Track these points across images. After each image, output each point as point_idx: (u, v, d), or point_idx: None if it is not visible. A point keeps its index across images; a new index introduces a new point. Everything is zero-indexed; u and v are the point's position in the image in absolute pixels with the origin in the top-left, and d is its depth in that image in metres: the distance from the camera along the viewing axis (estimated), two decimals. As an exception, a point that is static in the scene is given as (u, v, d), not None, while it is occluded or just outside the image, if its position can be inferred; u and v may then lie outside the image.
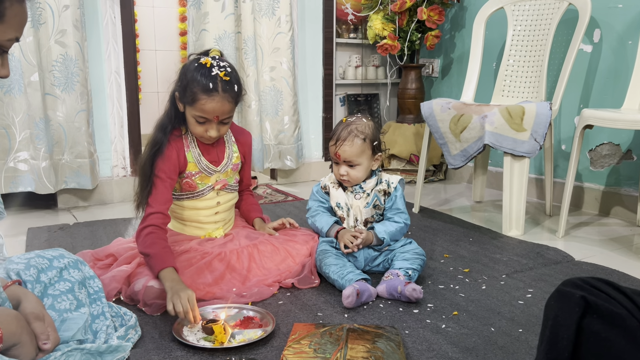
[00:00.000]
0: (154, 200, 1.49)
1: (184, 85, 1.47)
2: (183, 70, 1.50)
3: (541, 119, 2.01)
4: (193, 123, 1.51)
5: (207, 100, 1.45)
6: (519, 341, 1.23)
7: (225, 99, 1.46)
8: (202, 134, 1.52)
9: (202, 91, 1.44)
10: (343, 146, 1.58)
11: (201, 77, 1.44)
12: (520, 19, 2.45)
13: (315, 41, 3.12)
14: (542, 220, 2.33)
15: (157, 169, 1.51)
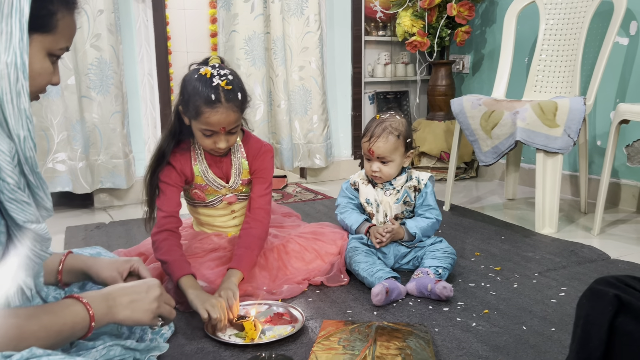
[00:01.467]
0: (163, 204, 1.47)
1: (186, 99, 1.40)
2: (184, 83, 1.43)
3: (575, 114, 1.97)
4: (200, 136, 1.44)
5: (212, 113, 1.37)
6: (552, 340, 1.21)
7: (229, 109, 1.38)
8: (211, 146, 1.45)
9: (205, 104, 1.36)
10: (377, 143, 1.58)
11: (202, 88, 1.37)
12: (553, 13, 2.40)
13: (343, 40, 3.12)
14: (577, 218, 2.28)
15: (163, 175, 1.49)
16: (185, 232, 1.65)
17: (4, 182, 0.75)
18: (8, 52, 0.75)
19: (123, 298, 0.93)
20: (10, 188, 0.76)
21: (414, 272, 1.52)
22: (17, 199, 0.77)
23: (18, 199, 0.77)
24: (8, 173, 0.75)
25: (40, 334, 0.79)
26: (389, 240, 1.58)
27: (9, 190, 0.76)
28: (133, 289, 0.95)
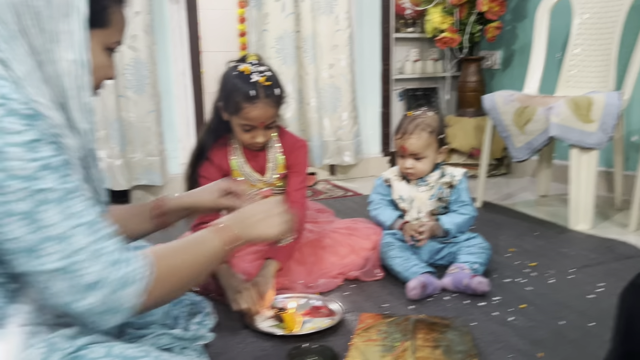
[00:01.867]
0: None
1: (226, 95, 1.45)
2: (223, 80, 1.48)
3: (610, 109, 1.95)
4: (239, 132, 1.49)
5: (251, 108, 1.42)
6: (591, 335, 1.21)
7: (268, 105, 1.44)
8: (249, 140, 1.50)
9: (245, 100, 1.42)
10: (410, 139, 1.60)
11: (242, 85, 1.42)
12: (587, 7, 2.38)
13: (373, 37, 3.13)
14: (612, 214, 2.25)
15: (202, 170, 1.54)
16: None
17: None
18: (71, 50, 0.78)
19: (253, 218, 0.99)
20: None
21: (449, 267, 1.53)
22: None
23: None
24: (76, 168, 0.78)
25: (187, 268, 0.87)
26: (427, 238, 1.59)
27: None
28: (261, 209, 1.02)
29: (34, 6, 0.75)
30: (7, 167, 0.69)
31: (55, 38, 0.77)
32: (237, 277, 1.40)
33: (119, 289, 0.76)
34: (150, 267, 0.80)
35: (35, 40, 0.76)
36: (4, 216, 0.69)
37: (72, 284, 0.73)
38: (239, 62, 1.51)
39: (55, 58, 0.77)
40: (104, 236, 0.77)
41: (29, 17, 0.75)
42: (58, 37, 0.77)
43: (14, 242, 0.70)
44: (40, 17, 0.76)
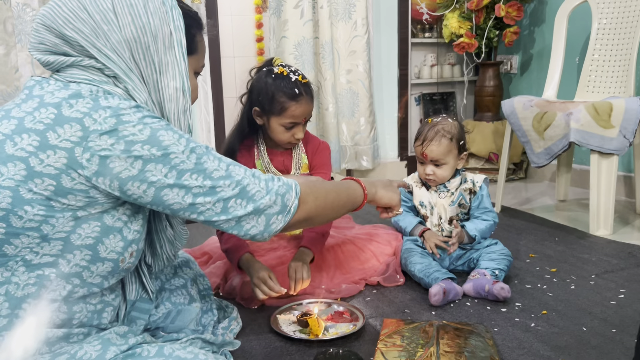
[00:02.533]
0: None
1: (268, 98, 1.50)
2: (259, 84, 1.53)
3: (630, 114, 1.95)
4: (281, 131, 1.54)
5: (297, 106, 1.51)
6: (614, 342, 1.22)
7: (309, 101, 1.54)
8: (289, 139, 1.56)
9: (290, 99, 1.50)
10: (430, 146, 1.62)
11: (285, 86, 1.49)
12: (606, 12, 2.37)
13: (390, 42, 3.15)
14: (632, 220, 2.24)
15: None
16: None
17: None
18: (175, 78, 0.89)
19: (379, 183, 1.20)
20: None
21: (471, 274, 1.54)
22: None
23: None
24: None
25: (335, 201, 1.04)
26: (457, 246, 1.61)
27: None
28: (383, 180, 1.24)
29: (143, 42, 0.86)
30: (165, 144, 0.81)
31: (161, 69, 0.88)
32: (262, 266, 1.43)
33: (284, 192, 0.93)
34: (295, 181, 0.96)
35: (144, 72, 0.87)
36: (181, 176, 0.82)
37: (249, 200, 0.89)
38: (264, 65, 1.58)
39: (160, 86, 0.88)
40: (247, 168, 0.92)
41: (139, 51, 0.86)
42: (163, 67, 0.88)
43: (197, 189, 0.84)
44: (149, 51, 0.87)
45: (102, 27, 0.83)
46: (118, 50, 0.84)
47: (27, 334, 0.79)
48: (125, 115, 0.80)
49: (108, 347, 0.83)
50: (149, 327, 1.09)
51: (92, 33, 0.83)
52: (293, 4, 2.74)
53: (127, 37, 0.85)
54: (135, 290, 0.95)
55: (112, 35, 0.84)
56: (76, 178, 0.78)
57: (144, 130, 0.80)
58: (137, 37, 0.85)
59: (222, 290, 1.53)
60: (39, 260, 0.79)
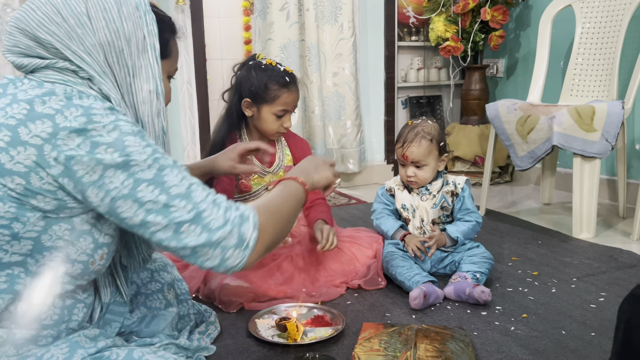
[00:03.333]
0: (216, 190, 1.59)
1: (260, 87, 1.58)
2: (250, 76, 1.60)
3: (613, 118, 1.96)
4: (271, 120, 1.62)
5: (288, 93, 1.60)
6: (592, 345, 1.22)
7: (297, 89, 1.64)
8: (278, 128, 1.64)
9: (282, 86, 1.59)
10: (410, 147, 1.61)
11: (276, 75, 1.59)
12: (590, 16, 2.39)
13: (377, 45, 3.15)
14: (615, 223, 2.25)
15: None
16: None
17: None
18: (149, 81, 0.90)
19: (310, 168, 1.13)
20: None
21: (452, 277, 1.53)
22: None
23: None
24: None
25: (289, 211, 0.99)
26: (435, 250, 1.60)
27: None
28: (312, 161, 1.17)
29: (117, 46, 0.86)
30: (128, 150, 0.79)
31: (135, 72, 0.89)
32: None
33: (240, 224, 0.86)
34: (252, 210, 0.90)
35: (117, 75, 0.87)
36: (137, 185, 0.79)
37: (203, 228, 0.83)
38: (249, 61, 1.65)
39: (133, 90, 0.89)
40: (212, 191, 0.88)
41: (113, 55, 0.86)
42: (137, 71, 0.89)
43: (150, 204, 0.80)
44: (122, 55, 0.87)
45: (76, 31, 0.83)
46: (92, 54, 0.84)
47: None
48: (97, 115, 0.79)
49: (75, 350, 0.82)
50: (123, 331, 1.07)
51: (66, 36, 0.83)
52: (279, 6, 2.73)
53: (101, 41, 0.85)
54: (110, 292, 0.95)
55: (87, 38, 0.84)
56: (44, 177, 0.77)
57: (112, 133, 0.78)
58: (111, 41, 0.86)
59: (201, 294, 1.51)
60: (8, 258, 0.79)
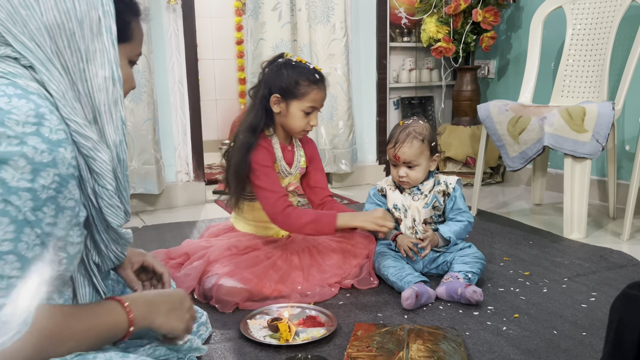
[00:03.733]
0: (274, 186, 1.60)
1: (290, 83, 1.59)
2: (281, 73, 1.61)
3: (603, 119, 1.97)
4: (299, 117, 1.63)
5: (318, 90, 1.62)
6: (583, 345, 1.22)
7: (325, 88, 1.65)
8: (304, 126, 1.65)
9: (312, 83, 1.60)
10: (402, 148, 1.61)
11: (307, 72, 1.61)
12: (580, 18, 2.40)
13: (369, 46, 3.15)
14: (605, 223, 2.27)
15: (262, 159, 1.61)
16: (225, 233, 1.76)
17: (104, 188, 0.82)
18: (104, 67, 0.82)
19: (162, 305, 0.94)
20: (109, 194, 0.83)
21: (444, 277, 1.53)
22: (113, 205, 0.84)
23: (114, 204, 0.84)
24: (108, 180, 0.82)
25: (81, 334, 0.80)
26: (429, 249, 1.61)
27: (108, 196, 0.83)
28: (170, 298, 0.97)
29: (67, 28, 0.79)
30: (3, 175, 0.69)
31: (88, 57, 0.81)
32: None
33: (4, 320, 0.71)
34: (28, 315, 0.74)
35: (69, 61, 0.80)
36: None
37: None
38: (277, 58, 1.66)
39: (88, 76, 0.81)
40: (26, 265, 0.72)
41: (63, 38, 0.79)
42: (91, 55, 0.81)
43: None
44: (74, 38, 0.80)
45: (19, 12, 0.76)
46: (37, 38, 0.77)
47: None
48: (10, 121, 0.70)
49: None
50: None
51: (8, 18, 0.76)
52: (271, 6, 2.73)
53: (49, 23, 0.78)
54: (89, 294, 0.90)
55: (31, 21, 0.77)
56: None
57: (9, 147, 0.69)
58: (61, 23, 0.78)
59: (196, 294, 1.50)
60: None
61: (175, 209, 2.69)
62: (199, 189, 2.79)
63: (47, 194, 0.73)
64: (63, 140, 0.74)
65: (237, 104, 4.96)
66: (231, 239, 1.67)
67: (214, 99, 4.86)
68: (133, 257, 1.09)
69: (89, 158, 0.80)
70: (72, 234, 0.79)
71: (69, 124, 0.77)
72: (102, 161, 0.81)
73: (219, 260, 1.54)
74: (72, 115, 0.78)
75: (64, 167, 0.74)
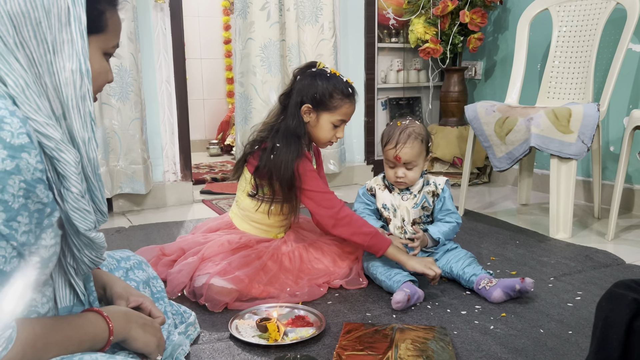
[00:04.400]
0: (325, 187, 1.64)
1: (324, 95, 1.60)
2: (314, 83, 1.60)
3: (588, 120, 1.99)
4: (329, 129, 1.64)
5: (350, 104, 1.64)
6: (569, 343, 1.23)
7: (355, 102, 1.67)
8: (330, 138, 1.67)
9: (345, 96, 1.62)
10: (404, 148, 1.62)
11: (341, 85, 1.62)
12: (566, 20, 2.43)
13: (357, 46, 3.16)
14: (591, 223, 2.29)
15: (309, 166, 1.62)
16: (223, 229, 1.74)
17: (68, 191, 0.77)
18: (72, 59, 0.77)
19: (138, 319, 0.95)
20: (74, 197, 0.78)
21: (477, 284, 1.50)
22: (80, 208, 0.79)
23: (81, 207, 0.79)
24: (73, 182, 0.77)
25: (62, 345, 0.79)
26: (419, 249, 1.62)
27: (73, 199, 0.78)
28: (145, 317, 0.98)
29: (33, 17, 0.74)
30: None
31: (55, 48, 0.76)
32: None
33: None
34: (13, 330, 0.73)
35: (35, 52, 0.75)
36: None
37: None
38: (308, 67, 1.66)
39: (55, 69, 0.76)
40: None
41: (28, 28, 0.74)
42: (58, 47, 0.76)
43: None
44: (40, 28, 0.75)
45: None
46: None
47: None
48: None
49: None
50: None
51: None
52: (259, 5, 2.72)
53: (12, 11, 0.72)
54: (68, 295, 0.87)
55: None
56: None
57: None
58: (26, 12, 0.73)
59: (186, 291, 1.49)
60: None
61: (162, 208, 2.68)
62: (187, 188, 2.78)
63: (19, 203, 0.70)
64: (26, 145, 0.70)
65: (224, 104, 4.94)
66: (227, 235, 1.66)
67: (201, 99, 4.84)
68: (131, 295, 1.03)
69: (53, 159, 0.75)
70: (44, 236, 0.77)
71: (30, 123, 0.73)
72: (66, 162, 0.76)
73: (212, 258, 1.53)
74: (31, 114, 0.73)
75: (29, 173, 0.71)
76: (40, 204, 0.74)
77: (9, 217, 0.70)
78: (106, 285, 1.03)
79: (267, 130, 1.66)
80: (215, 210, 2.62)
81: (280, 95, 1.69)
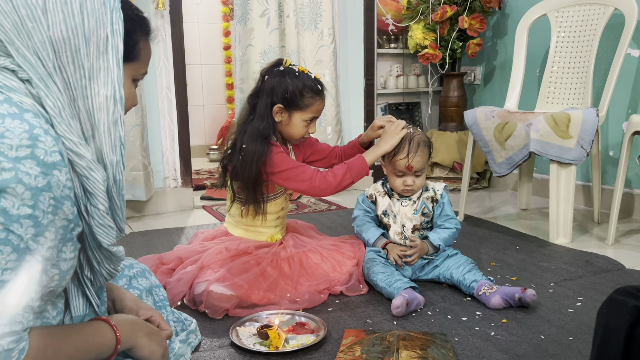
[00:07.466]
0: (296, 163, 1.65)
1: (293, 94, 1.61)
2: (283, 83, 1.60)
3: (587, 125, 2.00)
4: (301, 126, 1.66)
5: (320, 101, 1.66)
6: (570, 349, 1.24)
7: (325, 97, 1.68)
8: (303, 134, 1.69)
9: (315, 94, 1.63)
10: (416, 157, 1.62)
11: (310, 82, 1.63)
12: (565, 25, 2.44)
13: (356, 52, 3.17)
14: (591, 228, 2.30)
15: (286, 157, 1.63)
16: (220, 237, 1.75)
17: (95, 208, 0.81)
18: (107, 86, 0.81)
19: (145, 328, 0.97)
20: (100, 214, 0.81)
21: (478, 291, 1.50)
22: (104, 224, 0.82)
23: (105, 224, 0.82)
24: (100, 200, 0.81)
25: (71, 353, 0.81)
26: (418, 258, 1.62)
27: (99, 216, 0.81)
28: (151, 326, 0.99)
29: (73, 44, 0.78)
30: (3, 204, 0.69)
31: (91, 75, 0.80)
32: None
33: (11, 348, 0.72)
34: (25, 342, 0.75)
35: (71, 77, 0.79)
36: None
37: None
38: (275, 65, 1.66)
39: (89, 93, 0.80)
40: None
41: (67, 54, 0.78)
42: (94, 73, 0.80)
43: None
44: (79, 54, 0.78)
45: (26, 24, 0.74)
46: (40, 51, 0.76)
47: None
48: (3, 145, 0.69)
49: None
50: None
51: (13, 29, 0.74)
52: (259, 12, 2.73)
53: (54, 37, 0.76)
54: (82, 304, 0.90)
55: (37, 33, 0.75)
56: None
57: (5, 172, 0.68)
58: (67, 38, 0.77)
59: (186, 299, 1.50)
60: None
61: (163, 215, 2.68)
62: (187, 194, 2.78)
63: (48, 219, 0.73)
64: (58, 162, 0.73)
65: (224, 110, 4.95)
66: (225, 243, 1.66)
67: (201, 104, 4.85)
68: (141, 309, 1.05)
69: (83, 177, 0.79)
70: (65, 249, 0.79)
71: (64, 142, 0.76)
72: (95, 180, 0.79)
73: (211, 265, 1.53)
74: (67, 134, 0.77)
75: (59, 189, 0.74)
76: (65, 220, 0.76)
77: (37, 232, 0.72)
78: (116, 299, 1.04)
79: (237, 132, 1.68)
80: (216, 216, 2.62)
81: (249, 96, 1.68)
